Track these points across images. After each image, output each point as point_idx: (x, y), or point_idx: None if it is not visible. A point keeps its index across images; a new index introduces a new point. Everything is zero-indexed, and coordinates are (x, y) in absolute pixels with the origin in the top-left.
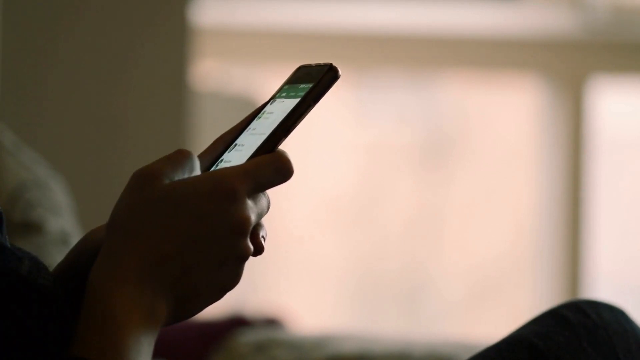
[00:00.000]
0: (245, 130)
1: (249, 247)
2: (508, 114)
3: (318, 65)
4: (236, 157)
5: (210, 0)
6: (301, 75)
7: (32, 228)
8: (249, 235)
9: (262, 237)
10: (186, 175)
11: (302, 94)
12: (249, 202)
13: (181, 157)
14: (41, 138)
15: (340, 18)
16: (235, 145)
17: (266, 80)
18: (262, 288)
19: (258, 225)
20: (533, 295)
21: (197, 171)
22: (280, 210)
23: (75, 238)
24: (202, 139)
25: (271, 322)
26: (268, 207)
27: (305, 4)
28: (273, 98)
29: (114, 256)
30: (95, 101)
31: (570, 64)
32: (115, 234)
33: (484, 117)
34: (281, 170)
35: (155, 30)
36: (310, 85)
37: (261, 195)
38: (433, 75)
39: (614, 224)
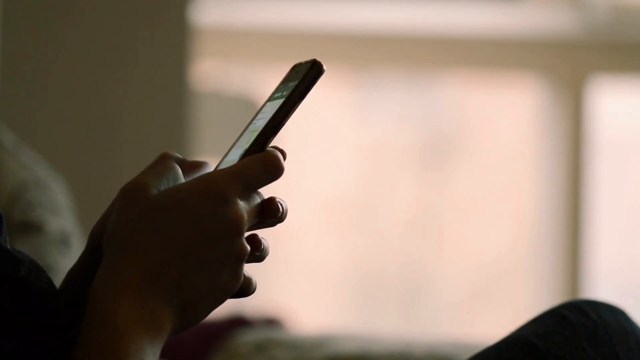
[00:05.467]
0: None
1: (245, 247)
2: (508, 114)
3: (306, 63)
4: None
5: (210, 0)
6: (292, 73)
7: (32, 228)
8: (244, 235)
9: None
10: (170, 183)
11: (288, 92)
12: (241, 203)
13: (163, 167)
14: (41, 138)
15: (340, 18)
16: (232, 146)
17: (266, 80)
18: (262, 288)
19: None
20: (533, 295)
21: (181, 178)
22: None
23: (75, 238)
24: (202, 139)
25: (271, 322)
26: (268, 210)
27: (305, 4)
28: (270, 98)
29: (113, 269)
30: (95, 101)
31: (570, 64)
32: (112, 249)
33: (484, 117)
34: (270, 169)
35: (155, 30)
36: (296, 82)
37: (254, 194)
38: (433, 75)
39: (614, 224)
